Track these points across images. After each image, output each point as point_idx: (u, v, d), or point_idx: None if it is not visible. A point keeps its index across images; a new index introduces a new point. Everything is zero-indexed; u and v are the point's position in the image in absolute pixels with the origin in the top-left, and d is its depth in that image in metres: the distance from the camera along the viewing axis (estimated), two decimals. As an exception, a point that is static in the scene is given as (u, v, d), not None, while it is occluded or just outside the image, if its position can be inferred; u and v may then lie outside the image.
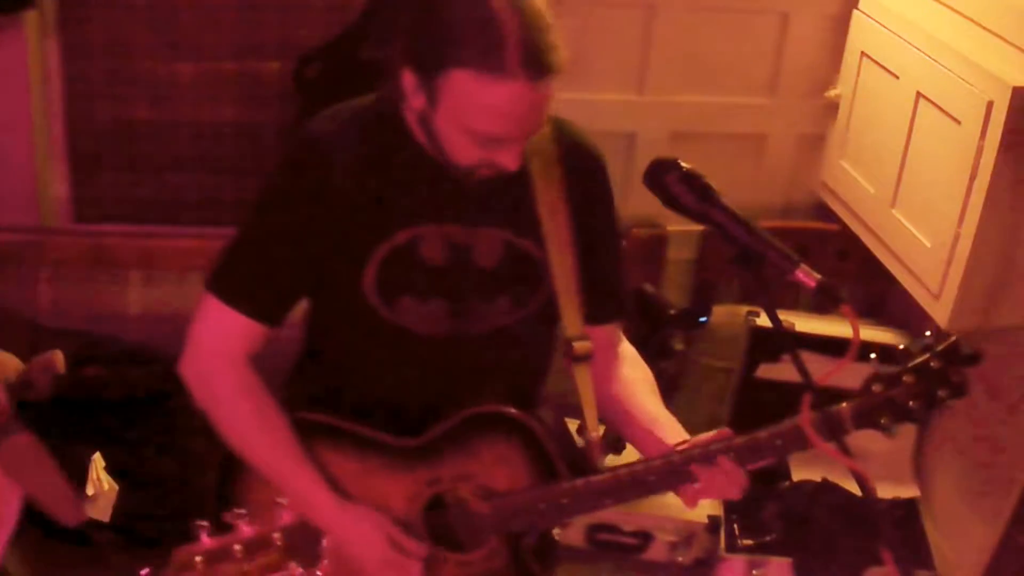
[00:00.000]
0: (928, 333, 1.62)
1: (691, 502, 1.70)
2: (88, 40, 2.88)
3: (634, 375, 1.86)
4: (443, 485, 1.75)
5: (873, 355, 1.62)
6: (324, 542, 1.58)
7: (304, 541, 1.54)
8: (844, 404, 1.60)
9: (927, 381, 1.59)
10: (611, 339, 1.87)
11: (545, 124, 1.75)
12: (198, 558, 1.49)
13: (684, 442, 1.70)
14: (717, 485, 1.66)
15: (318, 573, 1.55)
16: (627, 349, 1.90)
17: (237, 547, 1.50)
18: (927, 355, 1.59)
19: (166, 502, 2.63)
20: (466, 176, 1.64)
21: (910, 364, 1.60)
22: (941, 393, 1.59)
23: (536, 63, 1.49)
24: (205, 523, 1.52)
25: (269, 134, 3.00)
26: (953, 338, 1.60)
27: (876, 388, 1.60)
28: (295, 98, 2.92)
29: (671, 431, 1.74)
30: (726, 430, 1.67)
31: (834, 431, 1.58)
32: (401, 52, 1.57)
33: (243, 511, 1.55)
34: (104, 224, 3.04)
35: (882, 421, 1.60)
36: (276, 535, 1.51)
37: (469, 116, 1.53)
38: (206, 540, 1.50)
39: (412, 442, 1.74)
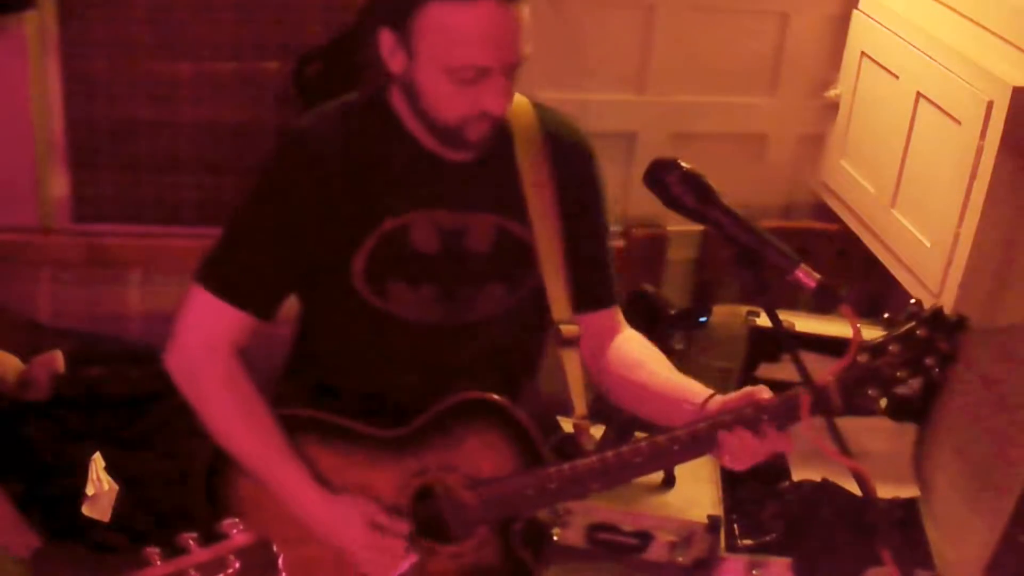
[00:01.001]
0: (913, 301, 1.60)
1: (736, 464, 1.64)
2: (88, 40, 2.88)
3: (641, 351, 1.83)
4: (430, 475, 1.75)
5: (858, 325, 1.60)
6: (280, 560, 1.58)
7: (260, 559, 1.54)
8: (830, 377, 1.57)
9: (913, 349, 1.57)
10: (611, 325, 1.86)
11: (530, 109, 1.76)
12: None
13: (711, 395, 1.66)
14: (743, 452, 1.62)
15: None
16: (633, 333, 1.88)
17: (192, 571, 1.51)
18: (912, 323, 1.58)
19: (166, 502, 2.63)
20: (456, 138, 1.64)
21: (895, 333, 1.58)
22: (928, 361, 1.56)
23: None
24: (156, 549, 1.52)
25: (269, 134, 3.00)
26: (938, 306, 1.58)
27: (861, 359, 1.59)
28: (295, 98, 2.92)
29: (698, 390, 1.70)
30: (761, 387, 1.62)
31: (822, 405, 1.56)
32: (376, 17, 1.60)
33: (195, 534, 1.55)
34: (104, 224, 3.03)
35: (869, 392, 1.58)
36: (231, 556, 1.52)
37: (447, 51, 1.55)
38: (160, 565, 1.50)
39: (397, 433, 1.74)
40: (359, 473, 1.74)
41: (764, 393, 1.62)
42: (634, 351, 1.83)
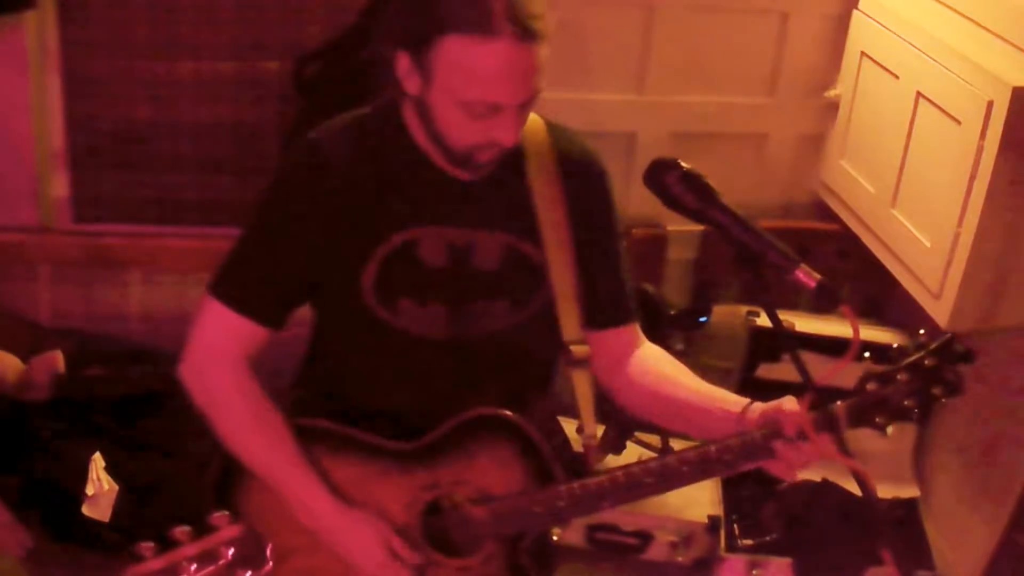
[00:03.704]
0: (922, 331, 1.62)
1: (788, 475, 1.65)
2: (88, 40, 2.87)
3: (668, 366, 1.83)
4: (441, 489, 1.75)
5: (867, 354, 1.61)
6: (268, 548, 1.59)
7: (251, 549, 1.55)
8: (839, 403, 1.59)
9: (921, 379, 1.58)
10: (629, 342, 1.85)
11: (543, 129, 1.76)
12: None
13: (749, 404, 1.66)
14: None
15: (263, 574, 1.57)
16: (654, 348, 1.88)
17: (186, 563, 1.51)
18: (921, 353, 1.59)
19: (166, 502, 2.63)
20: (465, 162, 1.64)
21: (904, 362, 1.59)
22: (936, 391, 1.58)
23: (522, 25, 1.52)
24: (150, 544, 1.53)
25: (269, 134, 3.00)
26: (947, 336, 1.59)
27: (870, 386, 1.59)
28: (295, 98, 2.92)
29: (733, 398, 1.70)
30: (788, 397, 1.62)
31: (829, 430, 1.57)
32: (394, 37, 1.60)
33: (187, 528, 1.56)
34: (104, 224, 3.03)
35: (877, 420, 1.59)
36: (224, 547, 1.53)
37: (462, 85, 1.55)
38: (154, 560, 1.51)
39: (410, 446, 1.74)
40: (370, 485, 1.74)
41: (789, 404, 1.60)
42: (661, 366, 1.82)
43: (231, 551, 1.51)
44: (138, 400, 2.76)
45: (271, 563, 1.56)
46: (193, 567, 1.50)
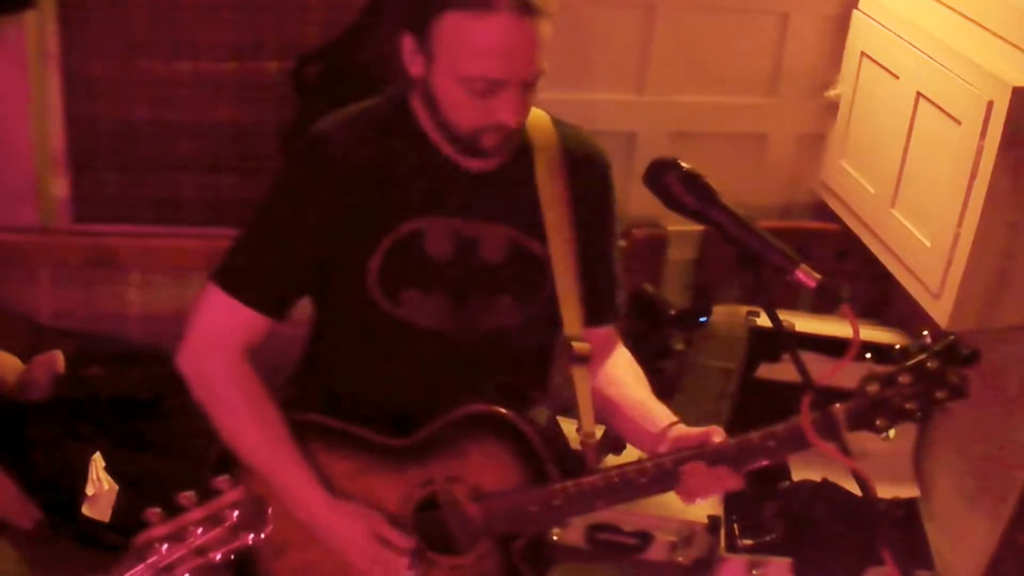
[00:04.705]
0: (925, 333, 1.61)
1: (688, 500, 1.69)
2: (88, 40, 2.87)
3: (621, 369, 1.86)
4: (435, 486, 1.75)
5: (868, 355, 1.61)
6: (269, 510, 1.60)
7: (253, 512, 1.56)
8: (839, 405, 1.59)
9: (924, 382, 1.58)
10: (609, 341, 1.87)
11: (549, 125, 1.76)
12: (158, 542, 1.52)
13: (673, 424, 1.69)
14: (706, 484, 1.65)
15: (263, 536, 1.58)
16: (623, 351, 1.91)
17: (192, 526, 1.53)
18: (924, 355, 1.58)
19: (166, 502, 2.62)
20: (471, 147, 1.65)
21: (906, 364, 1.58)
22: (939, 394, 1.57)
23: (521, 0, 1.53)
24: (156, 510, 1.54)
25: (269, 134, 2.99)
26: (951, 338, 1.58)
27: (871, 389, 1.59)
28: (295, 98, 2.92)
29: (663, 416, 1.73)
30: (715, 428, 1.66)
31: (829, 432, 1.57)
32: (398, 20, 1.62)
33: (191, 492, 1.57)
34: (104, 224, 3.03)
35: (878, 422, 1.59)
36: (228, 510, 1.54)
37: (462, 61, 1.56)
38: (162, 525, 1.53)
39: (405, 442, 1.74)
40: (365, 480, 1.74)
41: (717, 436, 1.64)
42: (615, 368, 1.85)
43: (235, 513, 1.52)
44: (138, 400, 2.76)
45: (272, 525, 1.57)
46: (199, 530, 1.52)
